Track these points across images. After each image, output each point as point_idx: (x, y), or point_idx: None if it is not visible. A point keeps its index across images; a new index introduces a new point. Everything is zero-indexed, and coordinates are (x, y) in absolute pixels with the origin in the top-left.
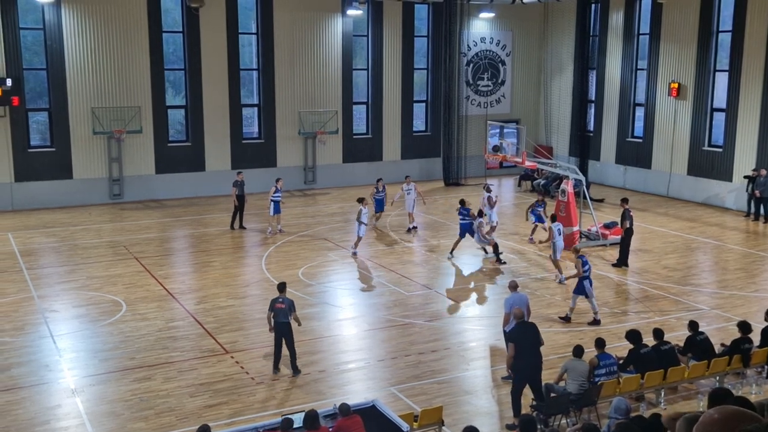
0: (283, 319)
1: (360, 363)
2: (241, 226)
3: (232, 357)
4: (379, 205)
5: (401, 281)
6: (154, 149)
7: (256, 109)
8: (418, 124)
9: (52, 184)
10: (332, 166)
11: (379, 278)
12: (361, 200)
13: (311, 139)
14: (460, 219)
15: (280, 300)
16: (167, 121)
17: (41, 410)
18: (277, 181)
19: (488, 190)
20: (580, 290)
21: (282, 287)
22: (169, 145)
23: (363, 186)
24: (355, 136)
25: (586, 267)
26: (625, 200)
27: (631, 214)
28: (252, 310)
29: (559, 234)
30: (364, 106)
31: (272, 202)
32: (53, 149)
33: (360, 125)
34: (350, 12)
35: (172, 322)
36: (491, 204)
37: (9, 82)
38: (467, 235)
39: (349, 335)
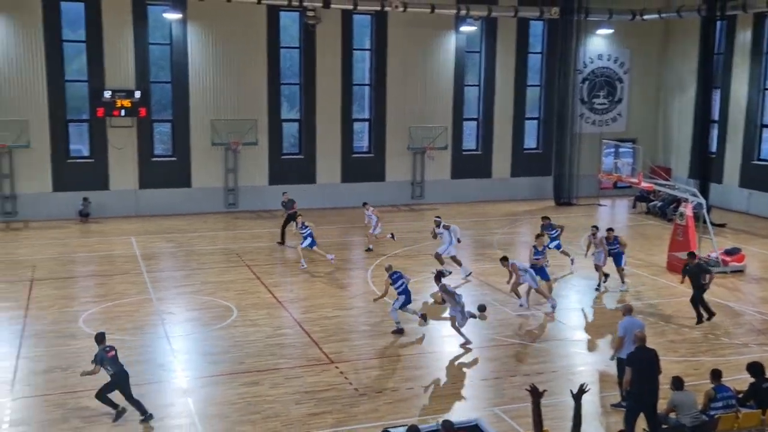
0: None
1: (464, 381)
2: (280, 242)
3: (336, 367)
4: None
5: (508, 301)
6: (268, 161)
7: (366, 123)
8: (530, 141)
9: (172, 192)
10: (441, 181)
11: (485, 296)
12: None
13: (420, 155)
14: (610, 248)
15: None
16: (281, 134)
17: (156, 407)
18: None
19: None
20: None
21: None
22: (283, 157)
23: (472, 202)
24: (464, 152)
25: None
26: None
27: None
28: (357, 322)
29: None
30: (475, 122)
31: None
32: (174, 158)
33: (470, 141)
34: (464, 28)
35: (279, 329)
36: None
37: (138, 94)
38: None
39: (453, 352)
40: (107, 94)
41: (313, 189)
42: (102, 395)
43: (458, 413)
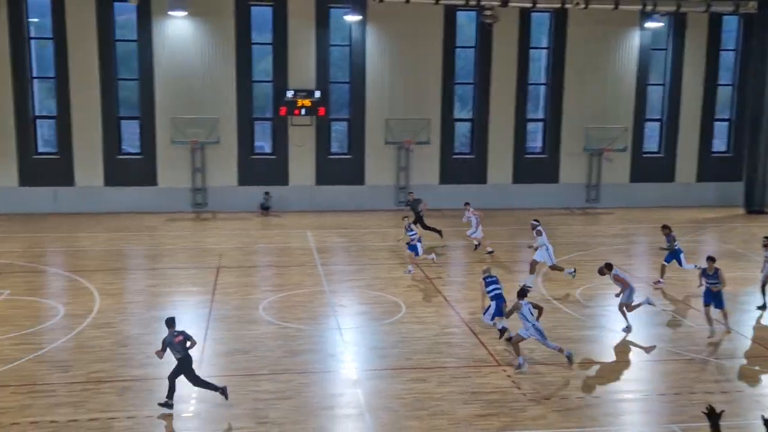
0: None
1: (638, 394)
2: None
3: (504, 370)
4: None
5: (692, 313)
6: (440, 160)
7: (541, 123)
8: (719, 144)
9: (346, 189)
10: (618, 185)
11: (665, 308)
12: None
13: (597, 156)
14: None
15: None
16: (453, 134)
17: (326, 396)
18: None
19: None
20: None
21: None
22: (454, 157)
23: (651, 208)
24: (644, 155)
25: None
26: None
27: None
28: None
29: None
30: (658, 123)
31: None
32: (350, 156)
33: (651, 143)
34: (649, 24)
35: (447, 328)
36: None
37: (317, 93)
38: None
39: (627, 363)
40: (289, 94)
41: (484, 189)
42: (171, 378)
43: (631, 428)
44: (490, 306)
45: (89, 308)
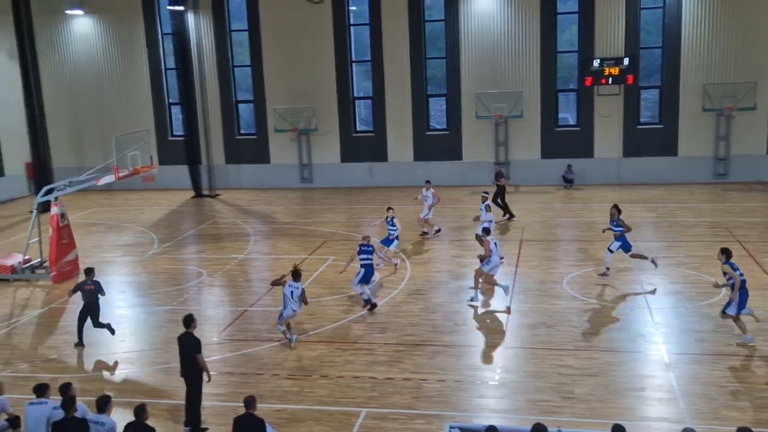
0: None
1: None
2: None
3: None
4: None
5: None
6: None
7: None
8: None
9: (655, 160)
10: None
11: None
12: None
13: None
14: None
15: None
16: None
17: (636, 377)
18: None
19: None
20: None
21: None
22: None
23: None
24: None
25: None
26: None
27: None
28: None
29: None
30: None
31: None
32: (661, 126)
33: None
34: None
35: None
36: None
37: (626, 61)
38: None
39: None
40: (596, 63)
41: None
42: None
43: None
44: (360, 272)
45: (401, 275)
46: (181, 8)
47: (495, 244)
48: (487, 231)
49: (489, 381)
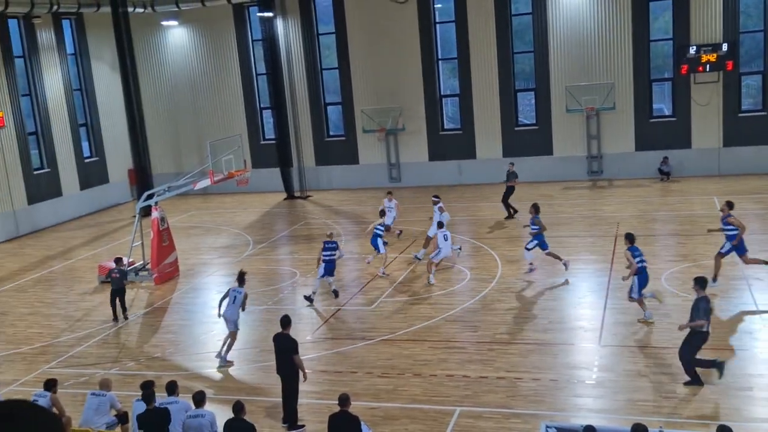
0: None
1: None
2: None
3: None
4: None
5: None
6: None
7: None
8: None
9: (759, 149)
10: None
11: None
12: None
13: None
14: None
15: None
16: None
17: (743, 376)
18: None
19: None
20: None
21: None
22: None
23: None
24: None
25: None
26: None
27: None
28: None
29: (445, 240)
30: None
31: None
32: (764, 113)
33: None
34: None
35: None
36: None
37: (725, 47)
38: None
39: None
40: (692, 50)
41: None
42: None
43: None
44: (321, 266)
45: (493, 274)
46: (271, 14)
47: (444, 236)
48: (440, 224)
49: (586, 380)
